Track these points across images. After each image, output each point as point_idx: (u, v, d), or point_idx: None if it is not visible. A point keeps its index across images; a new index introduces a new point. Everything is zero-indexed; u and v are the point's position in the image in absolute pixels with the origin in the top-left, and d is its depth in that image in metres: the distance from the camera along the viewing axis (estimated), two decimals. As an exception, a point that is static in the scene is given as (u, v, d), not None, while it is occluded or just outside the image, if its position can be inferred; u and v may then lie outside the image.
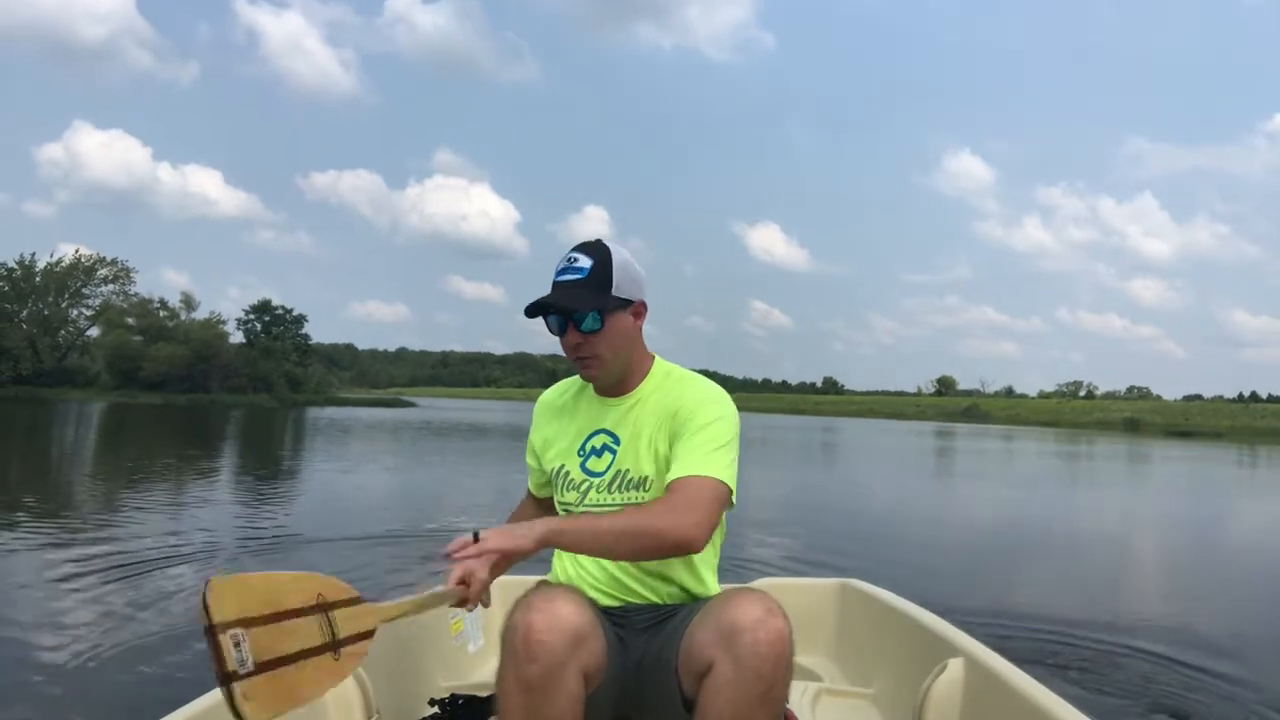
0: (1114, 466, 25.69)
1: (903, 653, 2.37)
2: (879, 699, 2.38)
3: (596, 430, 1.84)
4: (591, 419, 1.85)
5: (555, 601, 1.53)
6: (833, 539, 8.34)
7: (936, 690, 2.02)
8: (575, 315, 1.72)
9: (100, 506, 9.42)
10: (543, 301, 1.72)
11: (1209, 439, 52.35)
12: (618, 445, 1.81)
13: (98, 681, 3.70)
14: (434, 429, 32.69)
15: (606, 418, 1.84)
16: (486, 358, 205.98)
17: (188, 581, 5.61)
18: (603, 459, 1.82)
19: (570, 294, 1.72)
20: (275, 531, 8.05)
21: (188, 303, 67.29)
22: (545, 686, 1.47)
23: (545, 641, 1.47)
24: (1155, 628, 5.33)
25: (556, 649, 1.47)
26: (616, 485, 1.80)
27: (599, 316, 1.72)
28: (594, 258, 1.74)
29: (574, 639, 1.50)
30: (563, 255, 1.78)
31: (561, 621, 1.49)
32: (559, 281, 1.74)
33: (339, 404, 63.38)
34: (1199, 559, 8.81)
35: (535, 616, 1.50)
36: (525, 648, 1.47)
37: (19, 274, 65.19)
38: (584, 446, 1.84)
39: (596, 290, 1.72)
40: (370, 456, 18.83)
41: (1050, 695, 1.72)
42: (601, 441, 1.83)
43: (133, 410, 41.74)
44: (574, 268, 1.74)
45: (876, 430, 49.32)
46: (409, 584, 6.16)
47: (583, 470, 1.83)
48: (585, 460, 1.83)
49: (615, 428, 1.82)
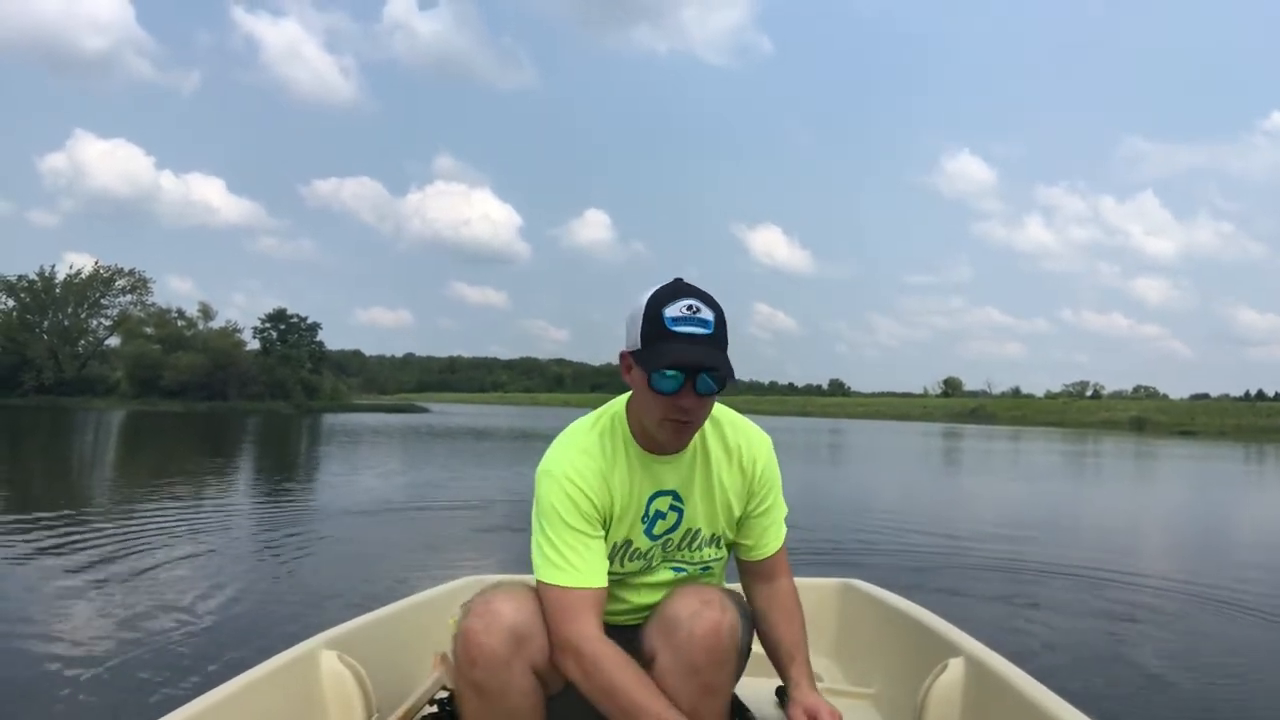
0: (1112, 464, 26.14)
1: (903, 653, 2.36)
2: (879, 699, 2.36)
3: (658, 492, 1.69)
4: (650, 480, 1.68)
5: (493, 603, 1.53)
6: (834, 539, 8.31)
7: (937, 690, 2.00)
8: (706, 374, 1.55)
9: (151, 509, 9.44)
10: (696, 356, 1.53)
11: (1213, 437, 52.98)
12: (683, 505, 1.71)
13: (102, 680, 3.72)
14: (464, 433, 32.90)
15: (663, 477, 1.69)
16: (493, 363, 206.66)
17: (200, 582, 5.68)
18: (668, 520, 1.71)
19: (711, 354, 1.55)
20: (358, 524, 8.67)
21: (205, 312, 68.35)
22: (493, 687, 1.48)
23: (483, 643, 1.48)
24: (1157, 627, 5.34)
25: (495, 649, 1.48)
26: (687, 544, 1.74)
27: (723, 380, 1.57)
28: (715, 311, 1.58)
29: (513, 638, 1.50)
30: (670, 297, 1.56)
31: (499, 621, 1.49)
32: (681, 333, 1.53)
33: (354, 410, 64.02)
34: (1201, 558, 8.79)
35: (473, 620, 1.51)
36: (465, 651, 1.49)
37: (40, 285, 66.46)
38: (648, 513, 1.69)
39: (723, 347, 1.58)
40: (423, 459, 19.50)
41: (1051, 695, 1.70)
42: (666, 504, 1.70)
43: (157, 418, 42.43)
44: (698, 319, 1.55)
45: (882, 431, 49.42)
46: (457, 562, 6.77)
47: (647, 537, 1.70)
48: (650, 527, 1.70)
49: (679, 487, 1.71)
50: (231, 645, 4.15)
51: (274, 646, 2.02)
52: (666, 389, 1.55)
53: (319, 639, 2.06)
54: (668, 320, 1.54)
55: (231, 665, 1.99)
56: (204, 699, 1.65)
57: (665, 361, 1.53)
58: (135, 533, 7.52)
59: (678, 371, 1.53)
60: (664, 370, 1.53)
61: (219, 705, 1.65)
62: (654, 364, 1.53)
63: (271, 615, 4.87)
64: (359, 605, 3.59)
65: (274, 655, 1.94)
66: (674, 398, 1.55)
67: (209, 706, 1.63)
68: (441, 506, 10.51)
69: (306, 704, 1.93)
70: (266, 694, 1.81)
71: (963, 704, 1.98)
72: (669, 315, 1.54)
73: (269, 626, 4.54)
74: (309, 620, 4.40)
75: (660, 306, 1.55)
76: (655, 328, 1.55)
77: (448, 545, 7.78)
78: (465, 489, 12.83)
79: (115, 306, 68.73)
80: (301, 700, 1.92)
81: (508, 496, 11.54)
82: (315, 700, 1.96)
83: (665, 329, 1.54)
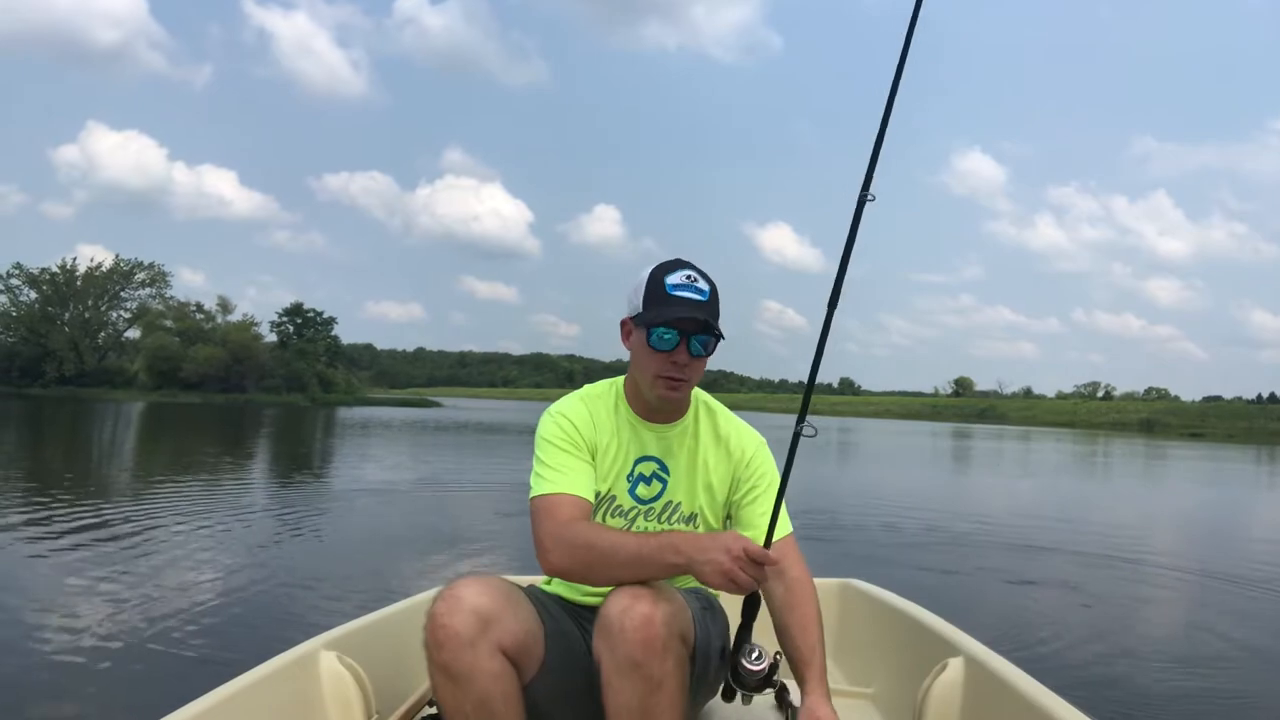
0: (1115, 466, 26.50)
1: (903, 653, 2.36)
2: (879, 699, 2.36)
3: (644, 456, 1.81)
4: (638, 443, 1.81)
5: (458, 588, 1.56)
6: (836, 538, 8.30)
7: (936, 690, 2.01)
8: (698, 338, 1.71)
9: (170, 501, 9.51)
10: (693, 314, 1.69)
11: (1220, 440, 53.16)
12: (667, 475, 1.81)
13: (104, 679, 3.74)
14: (477, 428, 33.17)
15: (652, 444, 1.82)
16: (504, 358, 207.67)
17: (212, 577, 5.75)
18: (651, 487, 1.81)
19: (707, 314, 1.71)
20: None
21: (224, 306, 69.51)
22: (461, 669, 1.50)
23: (447, 625, 1.51)
24: (1160, 626, 5.39)
25: (460, 631, 1.50)
26: (666, 516, 1.81)
27: (713, 344, 1.74)
28: (710, 283, 1.75)
29: (478, 620, 1.52)
30: (671, 268, 1.74)
31: (462, 604, 1.52)
32: (680, 297, 1.70)
33: (368, 404, 64.78)
34: (1204, 558, 8.82)
35: (438, 605, 1.54)
36: (432, 635, 1.52)
37: (61, 278, 67.63)
38: (632, 473, 1.80)
39: (715, 317, 1.73)
40: (436, 453, 20.05)
41: (1051, 695, 1.71)
42: (650, 469, 1.81)
43: (177, 409, 42.90)
44: (695, 287, 1.72)
45: (890, 431, 49.38)
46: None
47: (631, 496, 1.80)
48: (634, 487, 1.80)
49: (664, 457, 1.82)
50: (234, 645, 4.20)
51: (276, 647, 2.01)
52: (664, 346, 1.70)
53: (318, 640, 2.07)
54: (668, 286, 1.71)
55: (231, 665, 1.96)
56: (203, 700, 1.65)
57: (664, 319, 1.68)
58: (150, 524, 7.63)
59: (675, 331, 1.69)
60: (663, 327, 1.69)
61: (218, 706, 1.66)
62: (654, 321, 1.69)
63: (279, 614, 4.91)
64: (362, 606, 3.63)
65: (273, 656, 1.94)
66: (670, 355, 1.70)
67: (208, 708, 1.63)
68: (455, 501, 10.71)
69: (306, 705, 1.93)
70: (266, 695, 1.82)
71: (962, 704, 1.98)
72: (670, 282, 1.71)
73: (276, 627, 4.56)
74: (320, 620, 4.38)
75: (662, 275, 1.73)
76: (656, 292, 1.72)
77: (458, 542, 7.85)
78: (477, 484, 13.09)
79: (134, 299, 70.07)
80: (301, 701, 1.92)
81: (518, 493, 11.73)
82: (314, 701, 1.95)
83: (665, 293, 1.70)
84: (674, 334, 1.69)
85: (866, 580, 2.83)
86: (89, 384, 61.75)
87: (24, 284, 67.67)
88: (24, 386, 60.50)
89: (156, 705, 1.63)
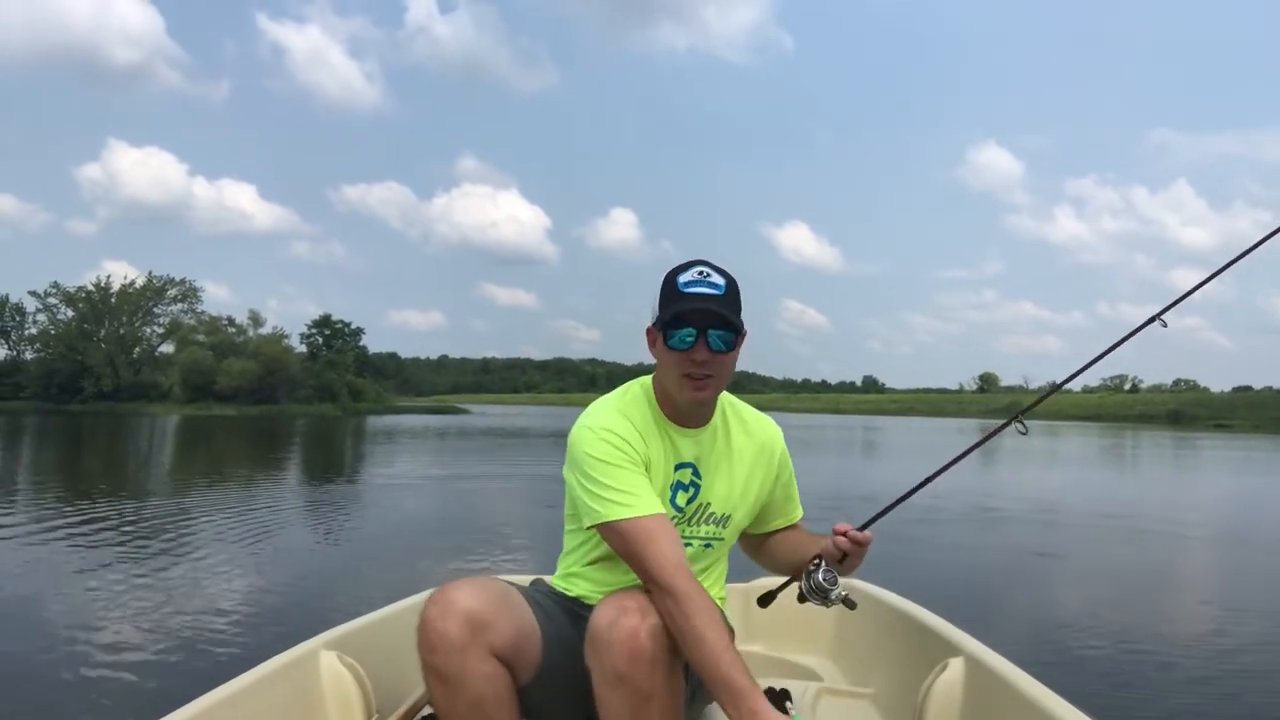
0: (1139, 458, 26.62)
1: (903, 653, 2.36)
2: (879, 699, 2.37)
3: (681, 464, 1.77)
4: (674, 450, 1.77)
5: (450, 591, 1.56)
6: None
7: (937, 690, 2.01)
8: (716, 332, 1.66)
9: (216, 510, 9.73)
10: (706, 308, 1.64)
11: (1248, 431, 52.92)
12: (700, 480, 1.79)
13: (105, 679, 3.79)
14: (510, 433, 33.43)
15: (685, 449, 1.78)
16: (526, 363, 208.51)
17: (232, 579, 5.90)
18: (687, 493, 1.78)
19: (721, 311, 1.65)
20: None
21: (255, 319, 70.89)
22: (452, 672, 1.50)
23: (439, 628, 1.50)
24: (1161, 626, 5.37)
25: (451, 634, 1.50)
26: (698, 518, 1.79)
27: (735, 338, 1.68)
28: (726, 277, 1.69)
29: (469, 622, 1.51)
30: (684, 268, 1.70)
31: (454, 607, 1.52)
32: (693, 293, 1.65)
33: (398, 412, 65.71)
34: (1206, 556, 8.78)
35: (430, 608, 1.53)
36: (424, 638, 1.52)
37: (96, 296, 69.38)
38: (674, 481, 1.76)
39: (735, 311, 1.68)
40: (467, 456, 20.50)
41: (1051, 695, 1.71)
42: (687, 477, 1.78)
43: (213, 422, 43.76)
44: (709, 282, 1.67)
45: (911, 428, 49.12)
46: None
47: (672, 506, 1.76)
48: (674, 495, 1.76)
49: (698, 462, 1.79)
50: (237, 646, 4.26)
51: (280, 646, 2.02)
52: (681, 345, 1.65)
53: (318, 639, 2.08)
54: (681, 284, 1.66)
55: (232, 666, 2.09)
56: (203, 700, 1.66)
57: (676, 316, 1.64)
58: (185, 531, 7.95)
59: (691, 327, 1.64)
60: (678, 327, 1.65)
61: (218, 705, 1.67)
62: (669, 320, 1.65)
63: (287, 614, 4.98)
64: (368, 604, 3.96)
65: (274, 655, 1.95)
66: (689, 353, 1.65)
67: (208, 707, 1.64)
68: (483, 498, 11.14)
69: (306, 705, 1.94)
70: (266, 695, 1.83)
71: (962, 704, 1.98)
72: (682, 280, 1.67)
73: (282, 628, 4.59)
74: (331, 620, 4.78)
75: (676, 275, 1.69)
76: (670, 293, 1.67)
77: (474, 538, 7.98)
78: (503, 480, 13.54)
79: (166, 315, 71.78)
80: (301, 701, 1.93)
81: (538, 490, 12.12)
82: (315, 701, 1.96)
83: (678, 292, 1.65)
84: (691, 331, 1.64)
85: (867, 580, 2.76)
86: (125, 399, 63.25)
87: (61, 302, 69.68)
88: (63, 403, 62.09)
89: (157, 705, 1.64)
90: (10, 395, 65.59)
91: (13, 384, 67.77)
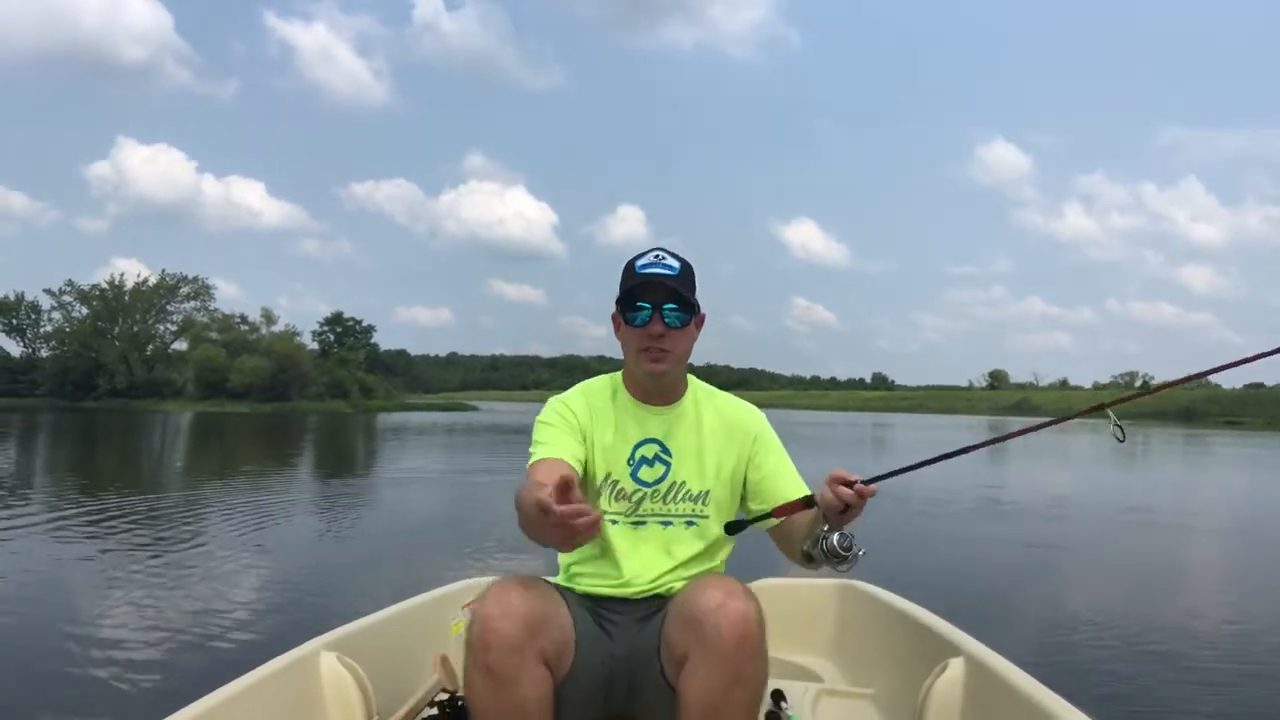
0: (1147, 456, 26.51)
1: (903, 653, 2.37)
2: (879, 699, 2.38)
3: (645, 439, 1.84)
4: (638, 427, 1.85)
5: (509, 591, 1.56)
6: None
7: (937, 690, 2.02)
8: (670, 308, 1.77)
9: (232, 505, 9.81)
10: (658, 280, 1.76)
11: (1259, 428, 52.78)
12: (670, 457, 1.84)
13: (106, 678, 3.80)
14: (523, 431, 32.33)
15: (652, 426, 1.86)
16: (534, 361, 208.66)
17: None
18: (654, 469, 1.84)
19: (672, 288, 1.76)
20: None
21: (268, 317, 71.26)
22: (506, 672, 1.51)
23: (499, 629, 1.50)
24: (1161, 626, 5.37)
25: (512, 635, 1.51)
26: (673, 496, 1.84)
27: (688, 315, 1.80)
28: (681, 261, 1.80)
29: (528, 625, 1.53)
30: (640, 255, 1.82)
31: (515, 609, 1.53)
32: (647, 273, 1.77)
33: (409, 409, 65.99)
34: (1214, 554, 8.73)
35: (489, 606, 1.54)
36: (482, 637, 1.51)
37: (110, 294, 70.00)
38: (633, 456, 1.83)
39: (689, 290, 1.79)
40: (473, 451, 20.67)
41: (1051, 695, 1.72)
42: (653, 452, 1.84)
43: (227, 419, 44.06)
44: (664, 264, 1.79)
45: (919, 425, 48.74)
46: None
47: (634, 480, 1.83)
48: (636, 470, 1.83)
49: (666, 439, 1.85)
50: (238, 647, 4.28)
51: (281, 647, 2.01)
52: (638, 322, 1.78)
53: (319, 640, 2.07)
54: (637, 267, 1.80)
55: (232, 667, 1.95)
56: (203, 701, 1.66)
57: (630, 294, 1.77)
58: (194, 529, 7.98)
59: (646, 304, 1.77)
60: (633, 304, 1.78)
61: (218, 707, 1.67)
62: (625, 302, 1.79)
63: (290, 617, 4.98)
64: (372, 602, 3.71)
65: (274, 657, 1.95)
66: (645, 329, 1.77)
67: (209, 708, 1.64)
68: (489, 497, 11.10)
69: (306, 706, 1.94)
70: (266, 696, 1.83)
71: (963, 704, 1.99)
72: (639, 264, 1.80)
73: (283, 628, 4.61)
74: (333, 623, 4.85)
75: (634, 260, 1.82)
76: (629, 275, 1.80)
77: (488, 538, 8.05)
78: (508, 484, 13.46)
79: (179, 312, 72.37)
80: (301, 702, 1.94)
81: None
82: (315, 702, 1.97)
83: (634, 274, 1.79)
84: (646, 307, 1.77)
85: (867, 581, 2.78)
86: (139, 396, 63.86)
87: (75, 300, 70.36)
88: (78, 400, 62.72)
89: (157, 705, 1.63)
90: (26, 392, 66.37)
91: (28, 381, 68.55)
